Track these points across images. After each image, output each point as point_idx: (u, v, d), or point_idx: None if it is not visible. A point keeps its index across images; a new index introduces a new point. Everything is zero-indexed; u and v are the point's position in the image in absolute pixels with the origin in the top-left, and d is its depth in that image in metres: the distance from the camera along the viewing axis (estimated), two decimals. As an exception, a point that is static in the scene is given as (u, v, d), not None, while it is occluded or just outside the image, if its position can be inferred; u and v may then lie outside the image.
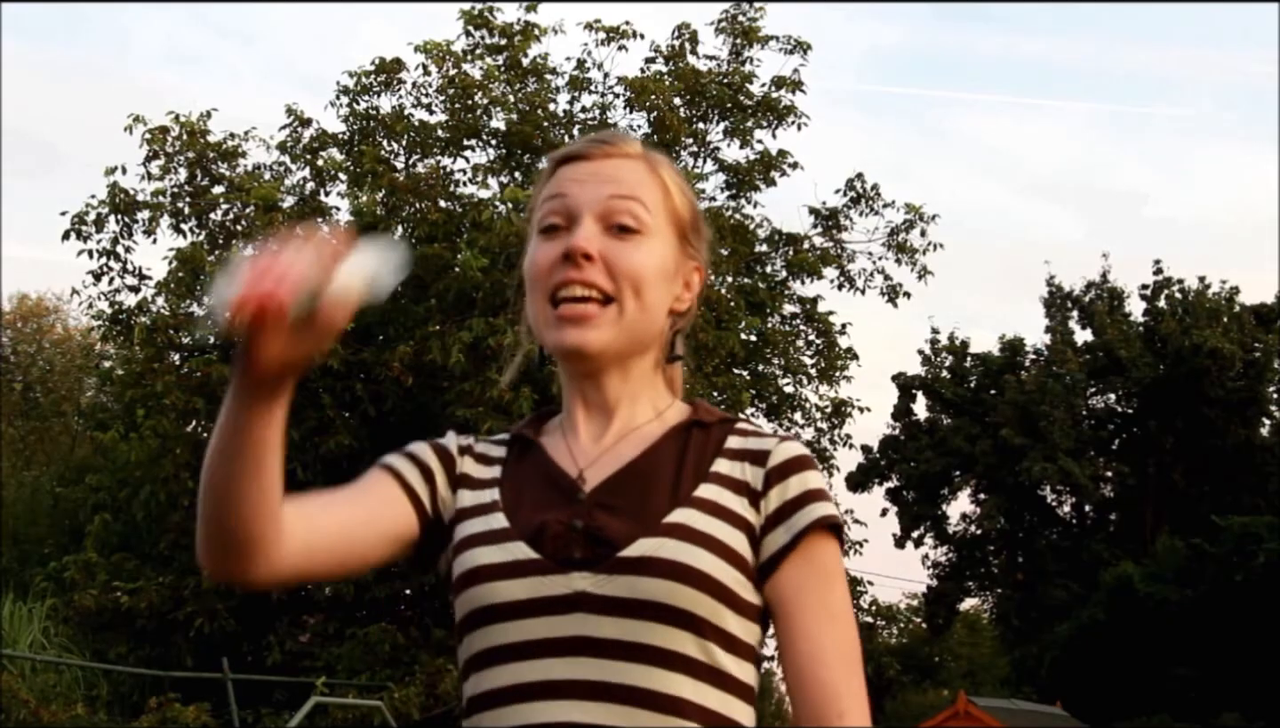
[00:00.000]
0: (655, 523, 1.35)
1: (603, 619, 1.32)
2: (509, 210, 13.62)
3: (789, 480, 1.40)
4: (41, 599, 13.38)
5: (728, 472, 1.41)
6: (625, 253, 1.44)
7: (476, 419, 12.03)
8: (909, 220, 16.45)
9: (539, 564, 1.35)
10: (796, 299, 16.54)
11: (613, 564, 1.33)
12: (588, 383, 1.48)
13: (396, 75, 15.51)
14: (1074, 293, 33.49)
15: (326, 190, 15.56)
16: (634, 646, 1.32)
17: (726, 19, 16.03)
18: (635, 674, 1.31)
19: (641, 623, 1.32)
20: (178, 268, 14.15)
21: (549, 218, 1.48)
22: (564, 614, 1.33)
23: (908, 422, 33.76)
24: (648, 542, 1.34)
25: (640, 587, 1.32)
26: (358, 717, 11.78)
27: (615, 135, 1.53)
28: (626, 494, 1.39)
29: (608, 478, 1.41)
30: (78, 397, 23.64)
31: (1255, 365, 30.96)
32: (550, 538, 1.36)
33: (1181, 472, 31.35)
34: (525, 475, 1.45)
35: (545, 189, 1.51)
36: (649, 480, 1.40)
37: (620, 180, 1.47)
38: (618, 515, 1.37)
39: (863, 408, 16.82)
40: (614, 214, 1.45)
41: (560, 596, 1.33)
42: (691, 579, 1.32)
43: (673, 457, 1.42)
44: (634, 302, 1.44)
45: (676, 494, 1.38)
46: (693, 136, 15.80)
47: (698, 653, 1.33)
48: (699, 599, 1.32)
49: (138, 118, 14.52)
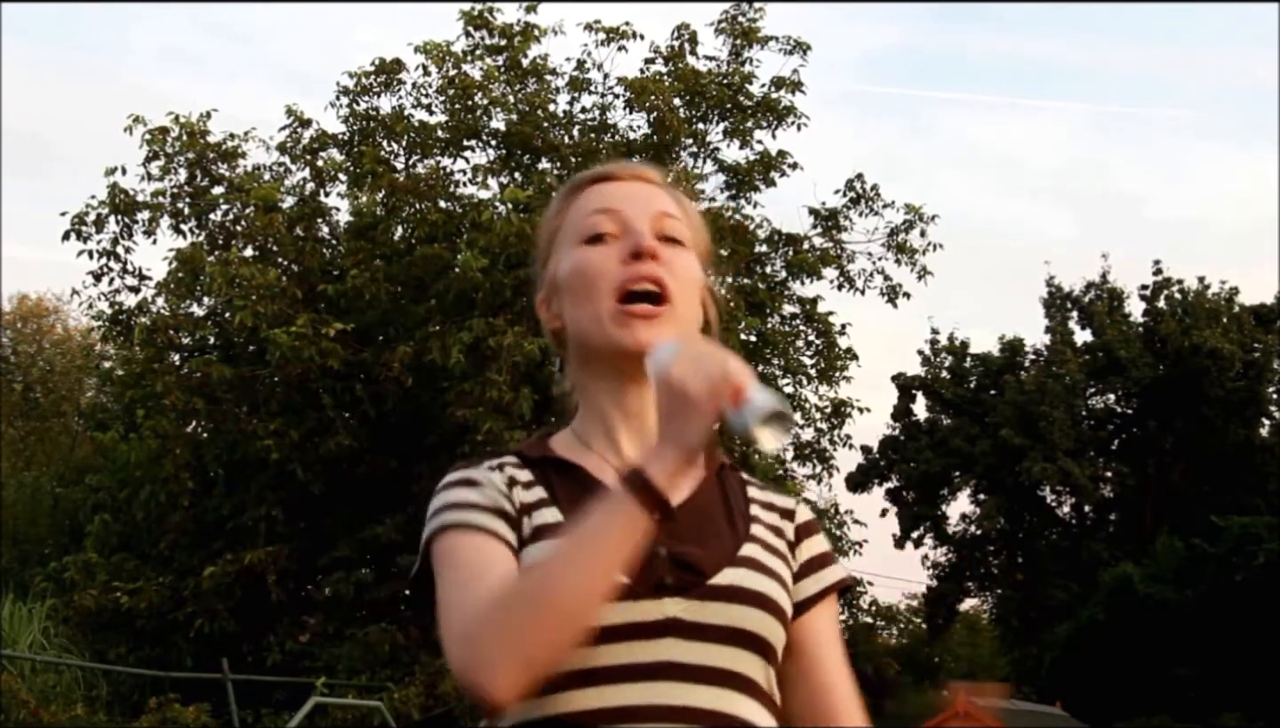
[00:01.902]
0: (732, 554, 1.42)
1: (692, 645, 1.36)
2: (509, 211, 13.62)
3: (814, 539, 1.53)
4: (41, 599, 13.38)
5: (766, 519, 1.50)
6: (681, 259, 1.51)
7: (476, 419, 12.02)
8: (909, 221, 16.45)
9: (629, 590, 1.34)
10: (796, 299, 16.54)
11: (704, 591, 1.38)
12: (630, 389, 1.49)
13: (396, 76, 15.51)
14: (1074, 293, 33.50)
15: (326, 191, 15.57)
16: (718, 671, 1.37)
17: (726, 19, 16.03)
18: (716, 699, 1.36)
19: (727, 649, 1.37)
20: (177, 268, 14.16)
21: (598, 227, 1.51)
22: (654, 639, 1.35)
23: (907, 422, 33.76)
24: (733, 572, 1.40)
25: (733, 615, 1.38)
26: (358, 717, 11.79)
27: (640, 164, 1.61)
28: (692, 526, 1.42)
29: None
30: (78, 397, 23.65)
31: (1255, 365, 30.97)
32: (637, 564, 1.35)
33: (1181, 472, 31.36)
34: (580, 498, 1.40)
35: (582, 204, 1.54)
36: (707, 515, 1.46)
37: (663, 200, 1.55)
38: (692, 545, 1.41)
39: (863, 408, 16.83)
40: (665, 228, 1.52)
41: (652, 621, 1.36)
42: (772, 609, 1.41)
43: (718, 495, 1.49)
44: (685, 306, 1.49)
45: (736, 531, 1.46)
46: (692, 137, 15.81)
47: (763, 679, 1.41)
48: (776, 629, 1.42)
49: (138, 118, 14.55)
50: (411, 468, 13.23)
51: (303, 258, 14.33)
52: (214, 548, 13.42)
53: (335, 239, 15.35)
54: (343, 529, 13.42)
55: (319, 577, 14.14)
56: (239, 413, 13.67)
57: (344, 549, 13.30)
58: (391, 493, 13.26)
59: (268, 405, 13.41)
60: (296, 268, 14.28)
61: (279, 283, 13.33)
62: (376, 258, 13.90)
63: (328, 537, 13.57)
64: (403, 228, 14.81)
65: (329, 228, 15.53)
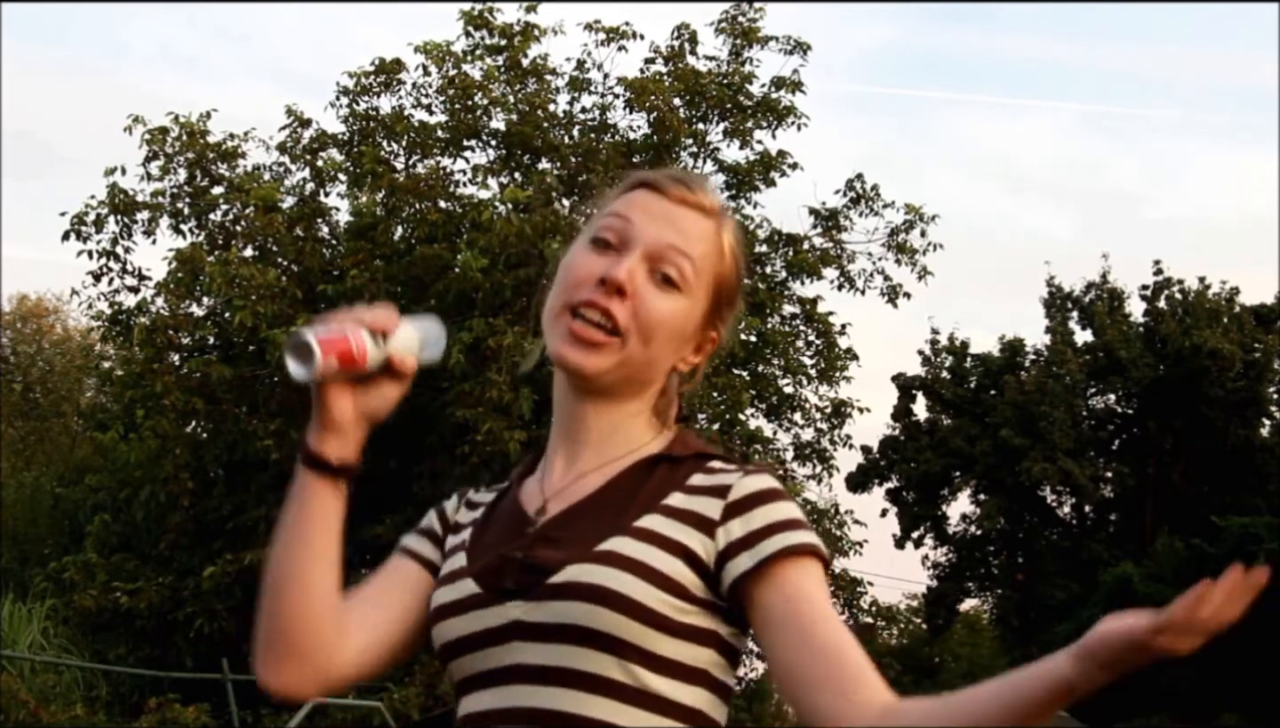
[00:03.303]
0: (587, 550, 1.37)
1: (534, 646, 1.35)
2: (509, 211, 13.62)
3: (753, 512, 1.38)
4: (41, 600, 13.39)
5: (678, 505, 1.41)
6: (655, 301, 1.44)
7: (476, 419, 12.03)
8: (909, 221, 16.47)
9: (479, 598, 1.39)
10: (796, 299, 16.56)
11: (541, 591, 1.36)
12: (574, 407, 1.49)
13: (396, 76, 15.52)
14: (1074, 293, 33.48)
15: (326, 191, 15.58)
16: (560, 670, 1.34)
17: (726, 19, 16.04)
18: (561, 699, 1.33)
19: (566, 647, 1.33)
20: (177, 268, 14.16)
21: (605, 232, 1.47)
22: (500, 645, 1.37)
23: (908, 422, 33.73)
24: (575, 568, 1.35)
25: (563, 611, 1.34)
26: (357, 717, 11.79)
27: (699, 182, 1.52)
28: (575, 526, 1.41)
29: (563, 510, 1.44)
30: (78, 397, 23.66)
31: (1255, 366, 30.94)
32: (487, 571, 1.40)
33: (1181, 472, 31.34)
34: (496, 516, 1.50)
35: (616, 203, 1.50)
36: (599, 512, 1.42)
37: (684, 232, 1.47)
38: (557, 546, 1.39)
39: (863, 408, 16.86)
40: (663, 262, 1.45)
41: (497, 627, 1.37)
42: (611, 602, 1.33)
43: (629, 490, 1.43)
44: (640, 346, 1.44)
45: (616, 524, 1.39)
46: (692, 137, 15.81)
47: (621, 676, 1.33)
48: (619, 622, 1.32)
49: (137, 118, 14.56)
50: (411, 468, 13.24)
51: (303, 258, 14.33)
52: (214, 548, 13.43)
53: (335, 239, 15.35)
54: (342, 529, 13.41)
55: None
56: (239, 413, 13.67)
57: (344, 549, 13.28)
58: (391, 493, 13.26)
59: (268, 405, 13.42)
60: (296, 268, 14.28)
61: (279, 283, 13.34)
62: (376, 258, 13.90)
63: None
64: (403, 228, 14.81)
65: (329, 228, 15.53)
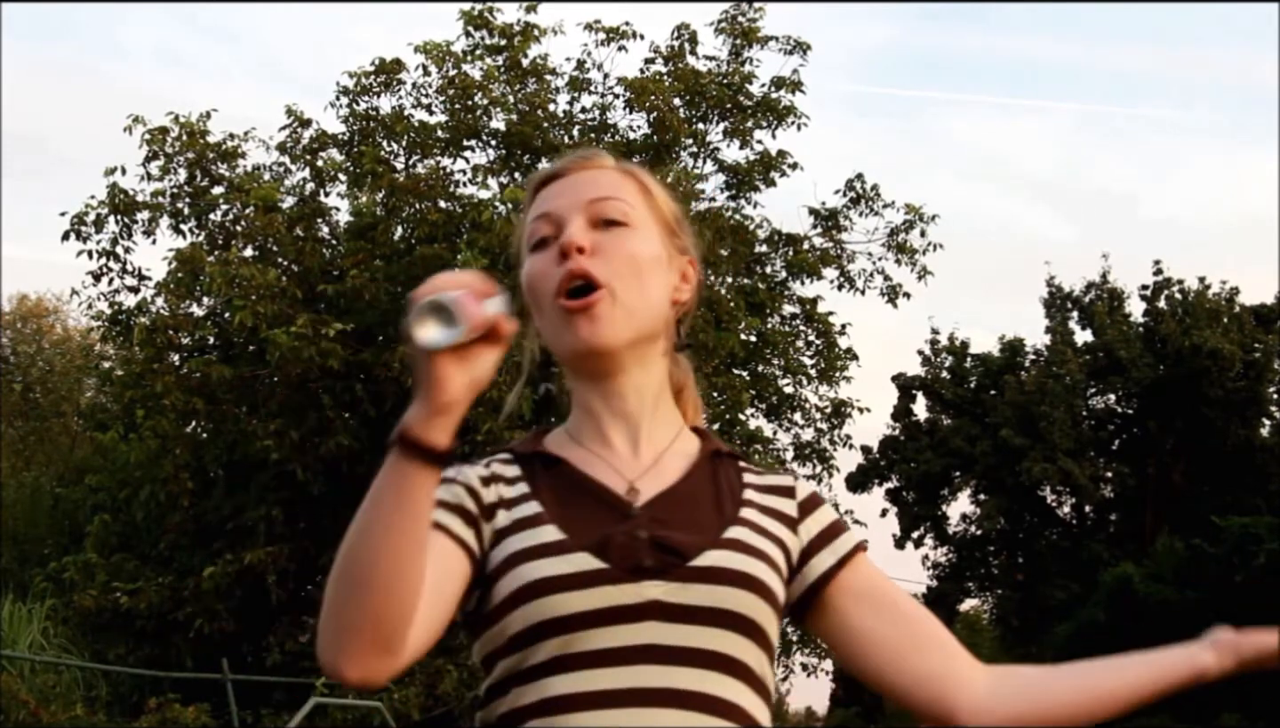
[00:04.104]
0: (716, 537, 1.41)
1: (672, 627, 1.35)
2: (509, 211, 13.62)
3: (819, 512, 1.51)
4: (41, 600, 13.39)
5: (760, 501, 1.49)
6: (617, 241, 1.48)
7: (476, 419, 12.03)
8: (908, 221, 16.47)
9: (608, 574, 1.36)
10: (796, 299, 16.56)
11: (684, 573, 1.37)
12: (609, 387, 1.49)
13: (396, 76, 15.51)
14: (1074, 293, 33.48)
15: (326, 191, 15.57)
16: (700, 652, 1.36)
17: (726, 19, 16.05)
18: (700, 680, 1.35)
19: (709, 630, 1.36)
20: (177, 268, 14.15)
21: (537, 234, 1.52)
22: (634, 623, 1.35)
23: (908, 422, 33.73)
24: (715, 553, 1.39)
25: (711, 595, 1.37)
26: (357, 717, 11.79)
27: (589, 151, 1.58)
28: (679, 510, 1.43)
29: (657, 495, 1.45)
30: (77, 397, 23.64)
31: (1255, 366, 30.93)
32: (616, 548, 1.37)
33: (1181, 472, 31.33)
34: (563, 491, 1.45)
35: (532, 208, 1.55)
36: (694, 501, 1.45)
37: (599, 184, 1.52)
38: (676, 530, 1.41)
39: (863, 408, 16.86)
40: (599, 212, 1.49)
41: (631, 605, 1.35)
42: (756, 588, 1.39)
43: (709, 481, 1.48)
44: (634, 287, 1.46)
45: (723, 515, 1.45)
46: (692, 137, 15.81)
47: (751, 660, 1.39)
48: (762, 608, 1.39)
49: (137, 118, 14.55)
50: (411, 468, 13.23)
51: (302, 258, 14.33)
52: (214, 548, 13.43)
53: (335, 239, 15.35)
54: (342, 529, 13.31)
55: (319, 577, 14.14)
56: (239, 413, 13.67)
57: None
58: (391, 493, 13.25)
59: (267, 406, 13.41)
60: (296, 268, 14.28)
61: (279, 283, 13.33)
62: (376, 258, 13.90)
63: (328, 537, 13.56)
64: (403, 228, 14.81)
65: (329, 228, 15.53)
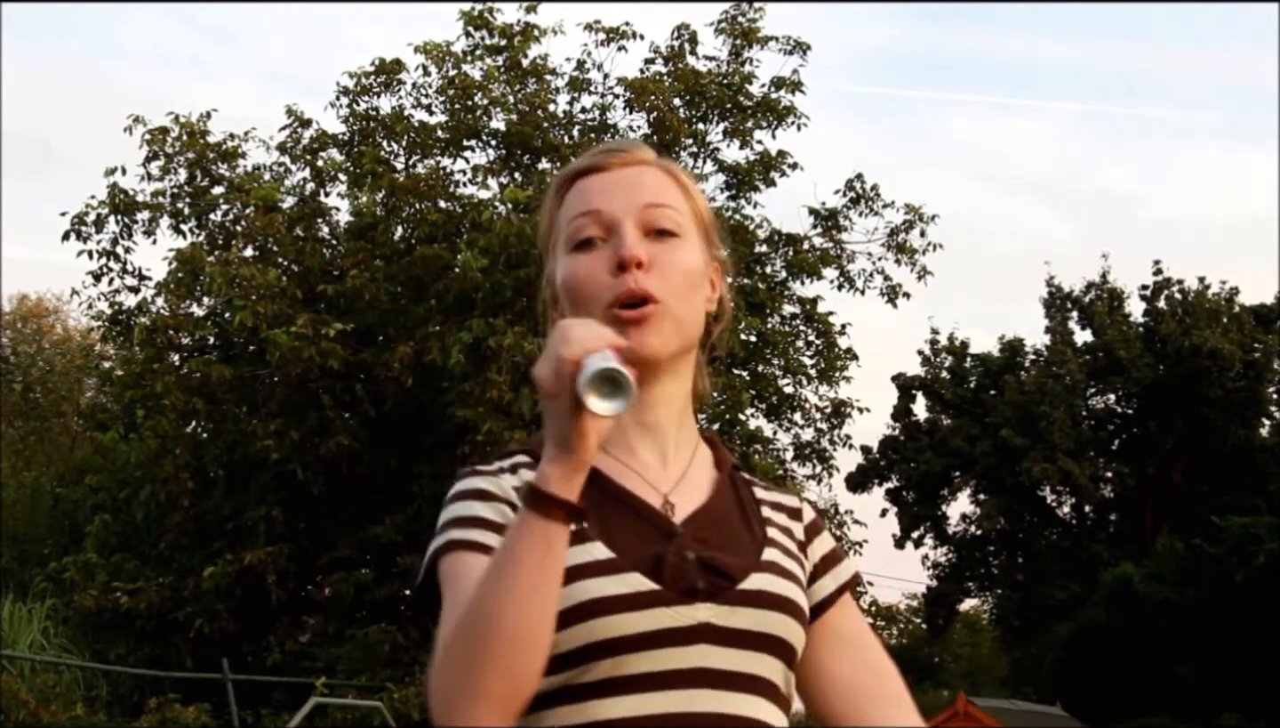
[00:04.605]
0: (756, 560, 1.41)
1: (722, 650, 1.35)
2: (509, 211, 13.62)
3: (823, 536, 1.54)
4: (41, 600, 13.39)
5: (777, 520, 1.50)
6: (671, 254, 1.44)
7: (476, 419, 12.03)
8: (908, 221, 16.46)
9: (662, 596, 1.33)
10: (796, 299, 16.55)
11: (733, 596, 1.37)
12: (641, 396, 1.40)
13: (396, 76, 15.51)
14: (1074, 293, 33.48)
15: (326, 191, 15.57)
16: (746, 677, 1.36)
17: (726, 20, 16.04)
18: (745, 705, 1.35)
19: (755, 654, 1.37)
20: (177, 269, 14.15)
21: (584, 232, 1.44)
22: (686, 646, 1.33)
23: (907, 422, 33.72)
24: (760, 577, 1.39)
25: (759, 619, 1.37)
26: (357, 717, 11.79)
27: (627, 143, 1.52)
28: (715, 530, 1.42)
29: (694, 512, 1.42)
30: (78, 397, 23.64)
31: (1255, 366, 30.93)
32: (669, 569, 1.35)
33: (1181, 472, 31.33)
34: (600, 503, 1.37)
35: (568, 205, 1.48)
36: (728, 519, 1.45)
37: (648, 187, 1.46)
38: (718, 550, 1.39)
39: (862, 408, 16.83)
40: (653, 221, 1.44)
41: (684, 627, 1.34)
42: (796, 614, 1.41)
43: (734, 499, 1.48)
44: (685, 301, 1.44)
45: (754, 535, 1.45)
46: (693, 137, 15.81)
47: (782, 683, 1.40)
48: (799, 633, 1.41)
49: (138, 118, 14.55)
50: (411, 468, 13.24)
51: (303, 258, 14.33)
52: (214, 548, 13.43)
53: (335, 239, 15.35)
54: (343, 529, 13.44)
55: (319, 577, 14.15)
56: (239, 413, 13.67)
57: (344, 549, 13.31)
58: (391, 493, 13.26)
59: (268, 406, 13.41)
60: (296, 268, 14.28)
61: (279, 283, 13.33)
62: (376, 258, 13.90)
63: (328, 537, 13.58)
64: (403, 228, 14.80)
65: (329, 228, 15.53)
